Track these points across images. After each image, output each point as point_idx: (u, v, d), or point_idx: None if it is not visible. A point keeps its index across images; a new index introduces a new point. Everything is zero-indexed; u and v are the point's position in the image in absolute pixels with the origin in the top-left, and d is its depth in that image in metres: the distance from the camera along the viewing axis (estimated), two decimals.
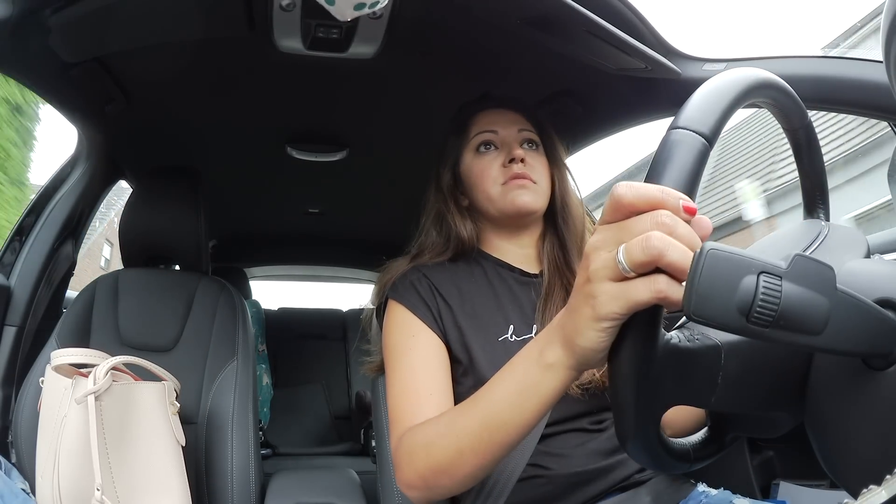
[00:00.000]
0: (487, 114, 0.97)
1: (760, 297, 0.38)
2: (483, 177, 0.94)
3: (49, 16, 0.88)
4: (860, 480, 0.41)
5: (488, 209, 0.95)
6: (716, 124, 0.44)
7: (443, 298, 0.89)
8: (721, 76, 0.47)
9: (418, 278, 0.91)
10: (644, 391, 0.44)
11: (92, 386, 0.89)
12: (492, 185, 0.93)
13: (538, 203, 0.92)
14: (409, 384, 0.80)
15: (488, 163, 0.94)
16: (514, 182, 0.91)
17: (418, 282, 0.90)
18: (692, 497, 0.81)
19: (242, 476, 1.13)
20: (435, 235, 0.97)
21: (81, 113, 1.23)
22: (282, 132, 1.52)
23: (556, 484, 0.79)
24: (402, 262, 0.97)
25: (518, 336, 0.86)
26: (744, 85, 0.47)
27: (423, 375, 0.81)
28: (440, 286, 0.90)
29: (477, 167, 0.95)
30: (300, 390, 2.56)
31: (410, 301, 0.87)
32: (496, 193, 0.92)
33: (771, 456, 1.18)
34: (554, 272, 0.91)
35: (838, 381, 0.44)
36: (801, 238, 0.54)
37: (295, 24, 0.95)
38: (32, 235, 1.32)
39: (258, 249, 2.67)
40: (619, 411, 0.46)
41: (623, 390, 0.44)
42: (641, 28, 0.94)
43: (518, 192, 0.91)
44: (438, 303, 0.88)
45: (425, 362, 0.83)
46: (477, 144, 0.96)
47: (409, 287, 0.89)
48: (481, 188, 0.94)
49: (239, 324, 1.26)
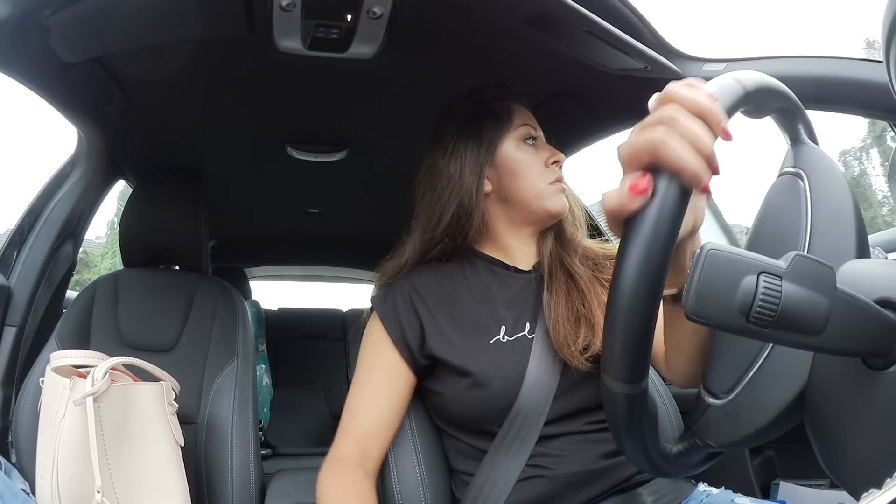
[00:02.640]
0: (522, 108, 0.97)
1: (760, 298, 0.38)
2: (531, 169, 0.91)
3: (49, 16, 0.88)
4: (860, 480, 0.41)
5: (528, 201, 0.91)
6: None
7: (427, 308, 0.88)
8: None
9: (403, 290, 0.91)
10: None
11: (90, 388, 0.89)
12: (539, 179, 0.91)
13: (567, 209, 0.94)
14: (357, 402, 0.87)
15: (533, 156, 0.92)
16: (558, 185, 0.91)
17: (401, 293, 0.90)
18: (693, 497, 0.81)
19: (242, 476, 1.13)
20: (448, 220, 0.91)
21: (81, 113, 1.22)
22: (282, 132, 1.52)
23: (557, 484, 0.79)
24: (394, 263, 0.96)
25: (510, 336, 0.85)
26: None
27: (371, 397, 0.87)
28: (427, 295, 0.90)
29: (524, 158, 0.92)
30: (300, 390, 2.56)
31: (386, 317, 0.89)
32: (545, 190, 0.91)
33: (771, 456, 1.18)
34: (557, 268, 0.91)
35: (838, 381, 0.44)
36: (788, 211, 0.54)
37: (295, 25, 0.95)
38: (32, 236, 1.31)
39: (258, 249, 2.67)
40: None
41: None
42: (641, 28, 0.94)
43: (561, 197, 0.92)
44: (420, 315, 0.88)
45: (378, 384, 0.87)
46: (523, 136, 0.93)
47: (388, 300, 0.91)
48: (529, 180, 0.91)
49: (239, 324, 1.26)
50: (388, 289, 0.92)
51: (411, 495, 0.86)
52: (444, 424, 0.89)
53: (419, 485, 0.86)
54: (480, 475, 0.81)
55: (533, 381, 0.81)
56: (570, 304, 0.86)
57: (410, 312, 0.89)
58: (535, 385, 0.81)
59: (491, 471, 0.81)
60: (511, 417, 0.80)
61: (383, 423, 0.86)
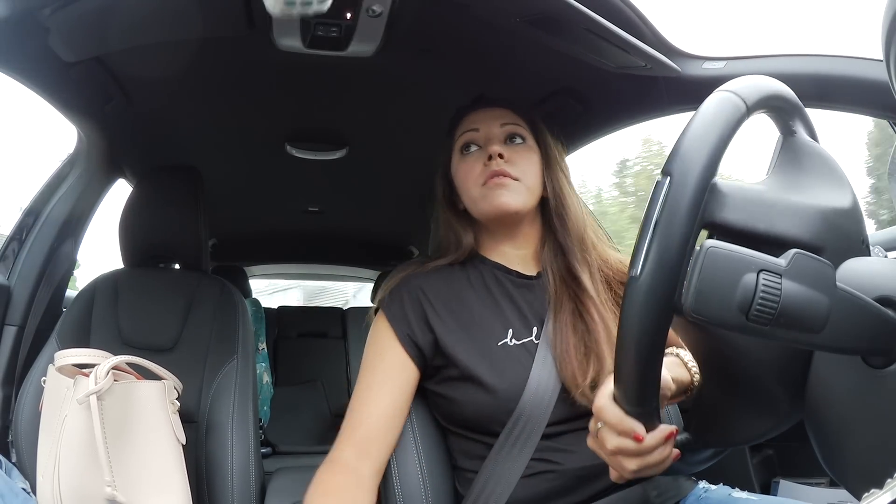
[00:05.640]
0: (474, 114, 0.96)
1: (760, 295, 0.38)
2: (466, 179, 0.92)
3: (48, 15, 0.88)
4: (860, 479, 0.41)
5: (474, 211, 0.93)
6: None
7: (434, 311, 0.88)
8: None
9: (410, 291, 0.90)
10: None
11: (93, 386, 0.89)
12: (473, 186, 0.90)
13: (518, 201, 0.88)
14: (359, 404, 0.86)
15: (471, 164, 0.91)
16: (492, 181, 0.88)
17: (409, 295, 0.89)
18: (693, 493, 0.83)
19: (243, 475, 1.13)
20: (440, 240, 0.97)
21: (81, 112, 1.22)
22: (281, 131, 1.52)
23: (565, 478, 0.79)
24: (409, 266, 0.96)
25: (518, 339, 0.85)
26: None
27: (374, 398, 0.86)
28: (435, 297, 0.89)
29: (461, 169, 0.93)
30: (300, 389, 2.56)
31: (393, 316, 0.88)
32: (477, 195, 0.90)
33: (771, 454, 1.18)
34: (560, 283, 0.89)
35: (838, 379, 0.44)
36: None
37: (294, 23, 0.95)
38: (32, 235, 1.31)
39: (258, 248, 2.67)
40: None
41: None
42: (641, 26, 0.94)
43: (496, 192, 0.88)
44: (429, 316, 0.87)
45: (380, 384, 0.86)
46: (461, 145, 0.94)
47: (396, 300, 0.90)
48: (465, 189, 0.92)
49: (239, 323, 1.26)
50: (394, 290, 0.91)
51: (413, 494, 0.86)
52: (449, 425, 0.89)
53: (421, 484, 0.86)
54: (485, 471, 0.82)
55: (536, 387, 0.81)
56: (577, 334, 0.84)
57: (418, 312, 0.88)
58: (538, 390, 0.81)
59: (495, 467, 0.81)
60: (514, 418, 0.80)
61: (385, 423, 0.84)
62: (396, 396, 0.86)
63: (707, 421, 0.54)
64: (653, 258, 0.41)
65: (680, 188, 0.42)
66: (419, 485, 0.86)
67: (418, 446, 0.88)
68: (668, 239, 0.41)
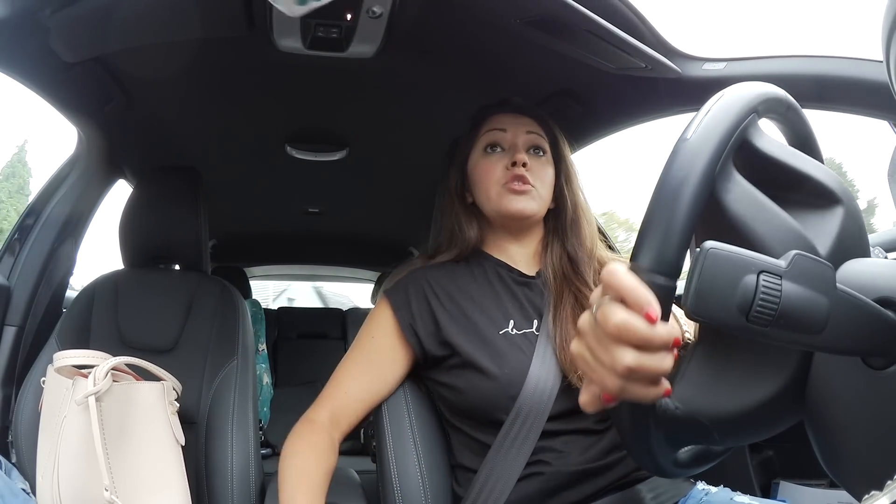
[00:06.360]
0: (503, 115, 0.99)
1: (760, 296, 0.38)
2: (487, 176, 0.95)
3: (49, 16, 0.88)
4: (860, 480, 0.41)
5: (486, 208, 0.97)
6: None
7: (438, 301, 0.92)
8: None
9: (416, 282, 0.94)
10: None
11: (92, 387, 0.89)
12: (493, 184, 0.94)
13: (534, 208, 0.94)
14: (343, 375, 0.92)
15: (493, 163, 0.95)
16: (513, 184, 0.92)
17: (414, 285, 0.94)
18: (692, 495, 0.82)
19: (242, 476, 1.13)
20: (445, 234, 1.01)
21: (81, 113, 1.22)
22: (281, 132, 1.52)
23: (559, 480, 0.80)
24: (413, 263, 1.01)
25: (518, 329, 0.88)
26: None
27: (358, 374, 0.92)
28: (440, 287, 0.93)
29: (483, 166, 0.97)
30: (300, 390, 2.56)
31: (398, 304, 0.93)
32: (495, 193, 0.94)
33: (771, 455, 1.18)
34: (562, 281, 0.92)
35: (838, 380, 0.44)
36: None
37: (294, 24, 0.95)
38: (32, 235, 1.31)
39: (258, 249, 2.67)
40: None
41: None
42: (641, 27, 0.94)
43: (517, 197, 0.92)
44: (433, 306, 0.91)
45: (368, 364, 0.92)
46: (485, 144, 0.97)
47: (401, 290, 0.94)
48: (483, 187, 0.96)
49: (239, 323, 1.26)
50: (401, 282, 0.96)
51: (412, 493, 0.86)
52: (452, 417, 0.91)
53: (419, 483, 0.86)
54: (484, 470, 0.82)
55: (537, 377, 0.82)
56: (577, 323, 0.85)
57: (423, 302, 0.92)
58: (538, 380, 0.82)
59: (494, 466, 0.81)
60: (516, 409, 0.81)
61: (361, 401, 0.91)
62: (379, 379, 0.92)
63: (694, 386, 0.51)
64: (705, 124, 0.45)
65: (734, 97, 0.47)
66: (418, 485, 0.86)
67: (417, 447, 0.88)
68: (721, 113, 0.45)
